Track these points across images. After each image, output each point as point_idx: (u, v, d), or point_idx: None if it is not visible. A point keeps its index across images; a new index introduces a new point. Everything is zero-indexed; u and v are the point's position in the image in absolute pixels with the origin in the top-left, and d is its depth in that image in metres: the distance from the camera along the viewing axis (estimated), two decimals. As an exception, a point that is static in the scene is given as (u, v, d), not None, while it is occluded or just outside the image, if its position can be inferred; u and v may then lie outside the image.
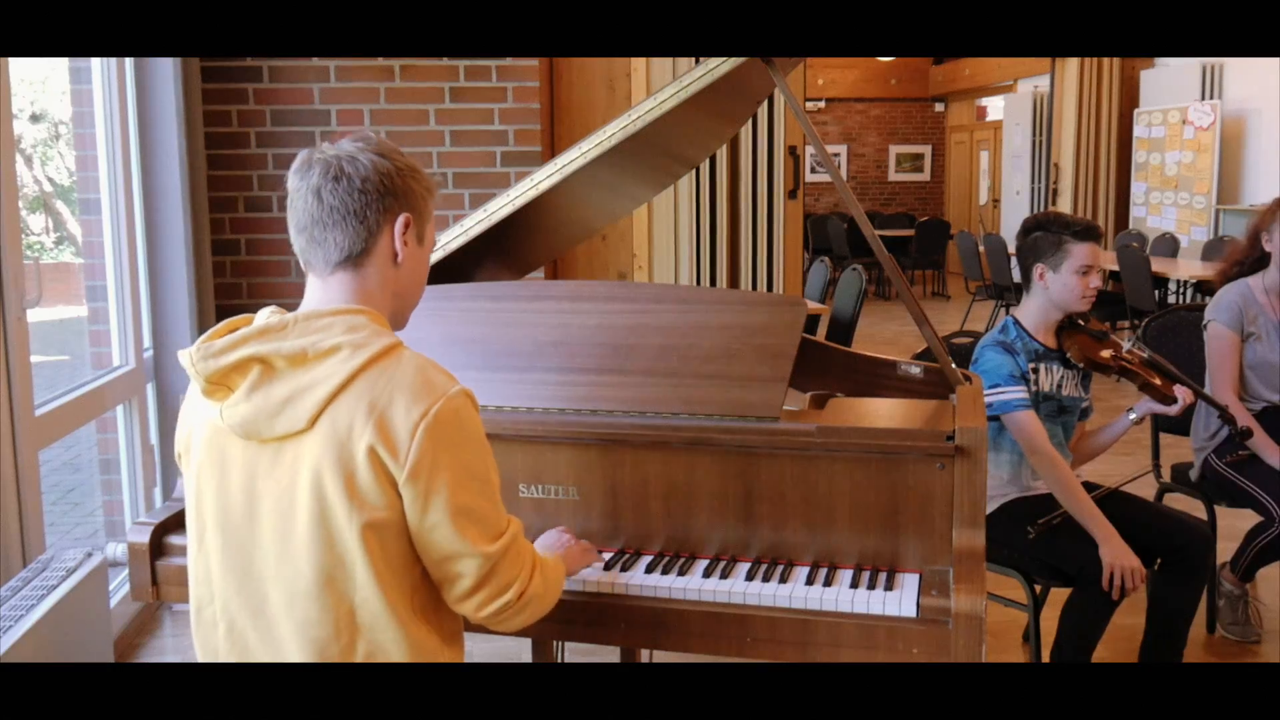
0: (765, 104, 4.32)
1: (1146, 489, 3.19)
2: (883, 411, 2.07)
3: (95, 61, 3.41)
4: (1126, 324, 7.86)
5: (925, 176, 15.59)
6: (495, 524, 1.52)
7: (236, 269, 3.91)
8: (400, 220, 1.55)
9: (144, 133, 3.56)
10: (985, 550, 1.81)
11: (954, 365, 2.12)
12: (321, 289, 1.55)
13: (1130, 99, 10.55)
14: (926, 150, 15.55)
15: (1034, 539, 2.63)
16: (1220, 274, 3.39)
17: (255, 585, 1.50)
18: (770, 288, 4.41)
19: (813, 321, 5.71)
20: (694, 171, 4.25)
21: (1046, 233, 2.75)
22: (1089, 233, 2.72)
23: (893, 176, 15.54)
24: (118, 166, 3.46)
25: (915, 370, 2.27)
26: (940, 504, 1.84)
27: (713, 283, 4.35)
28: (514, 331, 2.10)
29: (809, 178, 13.84)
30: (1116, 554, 2.53)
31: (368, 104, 3.85)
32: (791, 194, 4.41)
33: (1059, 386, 2.81)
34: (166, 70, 3.53)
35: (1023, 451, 2.72)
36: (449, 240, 2.31)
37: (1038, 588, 2.78)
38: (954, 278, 12.94)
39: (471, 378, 2.07)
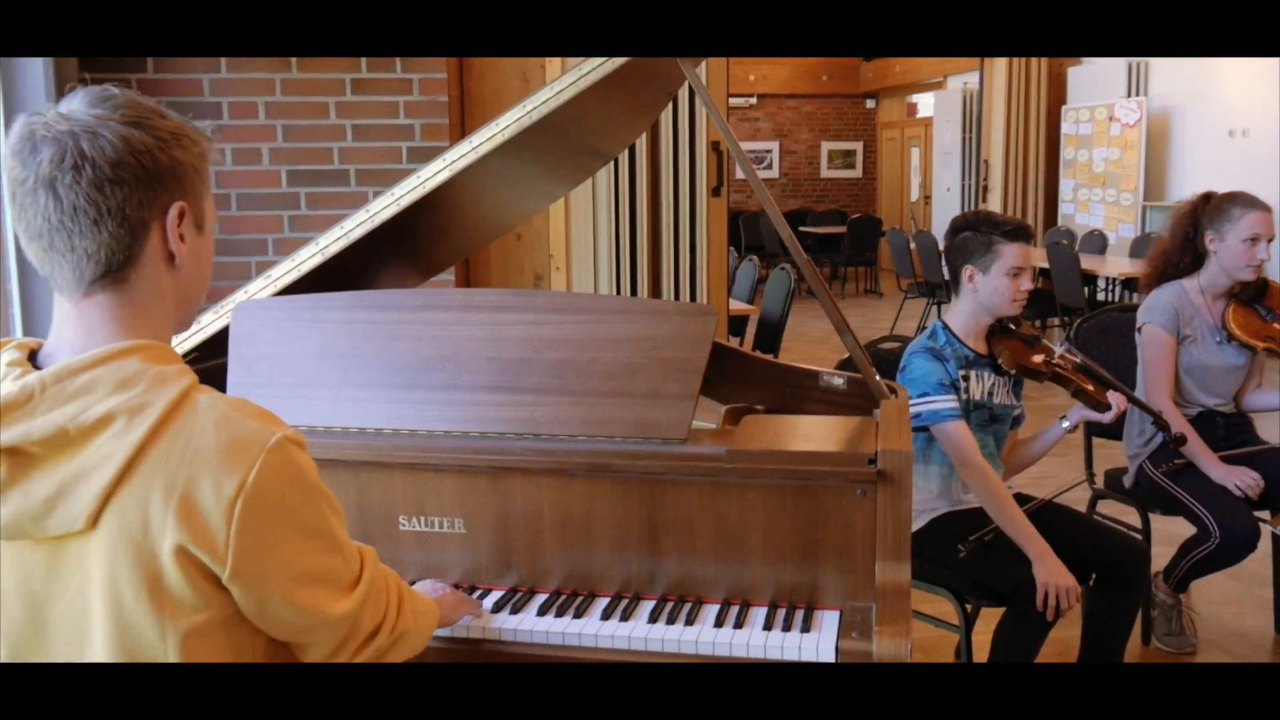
0: (687, 98, 4.14)
1: (1080, 495, 3.07)
2: (801, 430, 1.90)
3: (-45, 48, 3.13)
4: (1056, 321, 7.85)
5: (857, 173, 15.58)
6: (348, 573, 1.26)
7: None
8: (173, 211, 1.17)
9: (11, 126, 3.27)
10: (911, 581, 1.66)
11: (878, 376, 1.96)
12: (76, 318, 1.17)
13: (1058, 96, 10.60)
14: (858, 147, 15.54)
15: (965, 557, 2.49)
16: (1151, 275, 3.26)
17: None
18: (693, 288, 4.23)
19: (740, 322, 5.57)
20: (612, 166, 4.06)
21: (976, 233, 2.61)
22: (1020, 233, 2.58)
23: (825, 173, 15.51)
24: (-18, 162, 3.18)
25: (838, 381, 2.10)
26: (862, 534, 1.68)
27: (634, 283, 4.16)
28: (396, 345, 1.89)
29: (739, 175, 13.74)
30: (1051, 573, 2.40)
31: (262, 96, 3.60)
32: (715, 191, 4.23)
33: (990, 394, 2.67)
34: (36, 59, 3.25)
35: (953, 464, 2.59)
36: (329, 243, 2.10)
37: (969, 606, 2.65)
38: (886, 274, 12.92)
39: (348, 397, 1.87)
